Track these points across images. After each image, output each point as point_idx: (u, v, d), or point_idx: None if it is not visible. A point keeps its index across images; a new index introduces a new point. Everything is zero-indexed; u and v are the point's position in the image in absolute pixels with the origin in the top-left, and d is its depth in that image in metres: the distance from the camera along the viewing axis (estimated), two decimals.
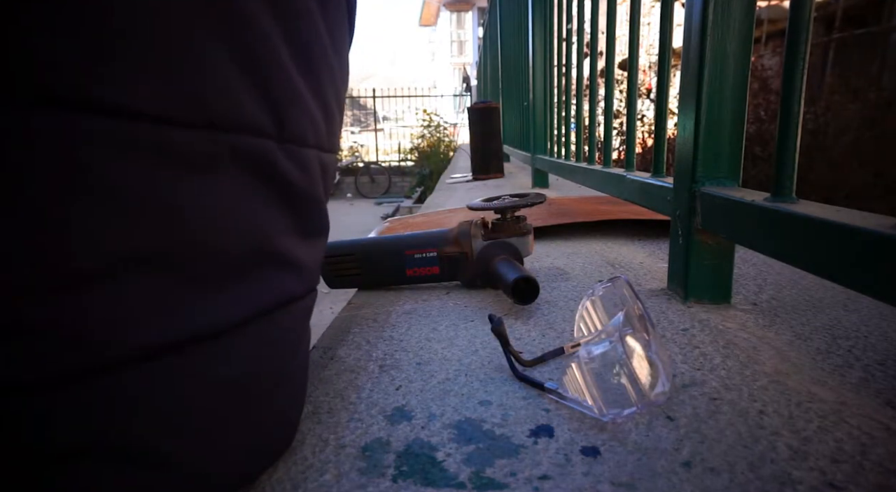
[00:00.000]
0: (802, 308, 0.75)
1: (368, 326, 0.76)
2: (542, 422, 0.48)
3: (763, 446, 0.43)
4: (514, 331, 0.70)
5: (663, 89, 0.91)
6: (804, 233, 0.54)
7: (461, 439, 0.46)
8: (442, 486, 0.40)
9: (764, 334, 0.66)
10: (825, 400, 0.50)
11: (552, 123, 2.16)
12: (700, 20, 0.72)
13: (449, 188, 2.81)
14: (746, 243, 0.66)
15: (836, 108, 3.81)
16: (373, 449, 0.45)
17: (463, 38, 24.45)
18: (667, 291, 0.84)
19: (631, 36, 1.08)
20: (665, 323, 0.71)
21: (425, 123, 10.55)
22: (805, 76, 0.59)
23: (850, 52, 5.49)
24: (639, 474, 0.40)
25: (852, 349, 0.61)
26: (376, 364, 0.63)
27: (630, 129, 1.13)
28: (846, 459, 0.41)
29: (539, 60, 2.30)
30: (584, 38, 1.56)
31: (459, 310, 0.81)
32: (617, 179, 1.18)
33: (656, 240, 1.22)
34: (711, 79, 0.72)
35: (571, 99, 1.78)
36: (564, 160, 1.89)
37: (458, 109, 13.61)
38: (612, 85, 1.37)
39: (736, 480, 0.39)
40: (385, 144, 13.73)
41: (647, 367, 0.48)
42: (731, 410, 0.49)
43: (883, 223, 0.46)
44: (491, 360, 0.62)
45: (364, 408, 0.52)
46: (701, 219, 0.74)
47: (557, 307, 0.80)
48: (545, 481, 0.40)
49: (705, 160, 0.74)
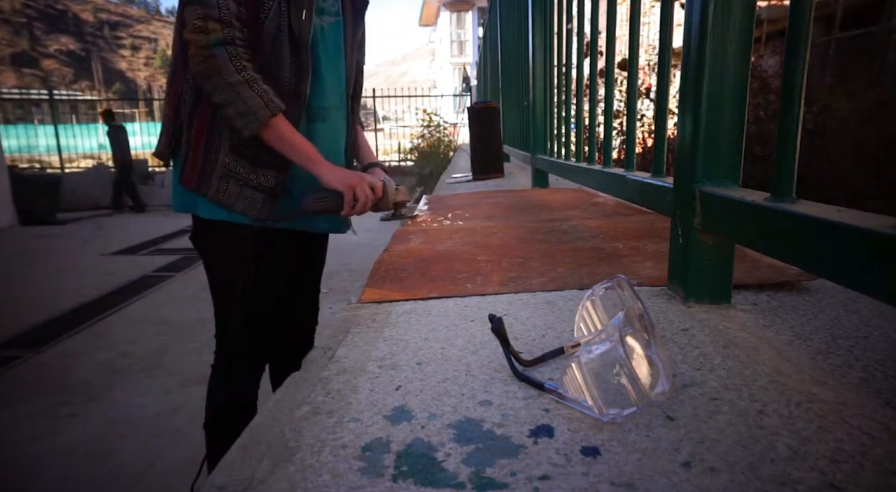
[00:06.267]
0: (802, 308, 0.75)
1: (368, 327, 0.76)
2: (542, 422, 0.48)
3: (763, 446, 0.43)
4: (513, 331, 0.70)
5: (663, 89, 0.91)
6: (804, 233, 0.54)
7: (461, 438, 0.46)
8: (442, 486, 0.40)
9: (764, 334, 0.66)
10: (825, 400, 0.50)
11: (552, 122, 2.16)
12: (700, 20, 0.72)
13: (449, 188, 2.81)
14: (746, 243, 0.66)
15: (835, 107, 3.81)
16: (372, 449, 0.45)
17: (463, 38, 24.45)
18: (667, 291, 0.83)
19: (631, 36, 1.08)
20: (665, 323, 0.70)
21: (425, 123, 10.54)
22: (805, 76, 0.59)
23: (849, 52, 5.49)
24: (639, 474, 0.40)
25: (852, 349, 0.61)
26: (376, 364, 0.63)
27: (630, 129, 1.13)
28: (846, 459, 0.41)
29: (539, 60, 2.30)
30: (584, 38, 1.56)
31: (459, 310, 0.81)
32: (617, 179, 1.18)
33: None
34: (711, 79, 0.72)
35: (571, 99, 1.78)
36: (564, 160, 1.89)
37: (458, 109, 13.61)
38: (612, 85, 1.37)
39: (736, 480, 0.39)
40: (385, 144, 13.73)
41: (647, 367, 0.48)
42: (731, 410, 0.49)
43: (883, 223, 0.46)
44: (491, 360, 0.62)
45: (364, 408, 0.52)
46: (701, 219, 0.74)
47: (557, 307, 0.80)
48: (545, 481, 0.40)
49: (705, 160, 0.74)
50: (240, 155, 1.13)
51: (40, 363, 2.86)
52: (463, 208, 1.85)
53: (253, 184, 1.14)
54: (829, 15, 5.50)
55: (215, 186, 1.13)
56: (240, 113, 1.05)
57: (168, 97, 1.17)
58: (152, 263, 5.09)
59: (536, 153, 2.43)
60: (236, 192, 1.13)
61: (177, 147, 1.16)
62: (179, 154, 1.16)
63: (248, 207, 1.13)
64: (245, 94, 1.04)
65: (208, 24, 1.02)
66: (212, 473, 0.46)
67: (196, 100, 1.12)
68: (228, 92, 1.04)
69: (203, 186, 1.13)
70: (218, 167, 1.12)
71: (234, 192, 1.13)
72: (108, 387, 2.56)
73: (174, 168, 1.19)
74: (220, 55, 1.03)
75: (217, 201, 1.13)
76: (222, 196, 1.13)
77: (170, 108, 1.16)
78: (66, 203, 8.93)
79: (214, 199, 1.13)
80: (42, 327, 3.38)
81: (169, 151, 1.18)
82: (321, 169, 1.13)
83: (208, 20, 1.02)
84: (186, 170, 1.14)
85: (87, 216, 8.58)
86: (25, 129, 14.67)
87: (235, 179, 1.13)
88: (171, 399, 2.42)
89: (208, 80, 1.04)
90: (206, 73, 1.04)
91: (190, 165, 1.14)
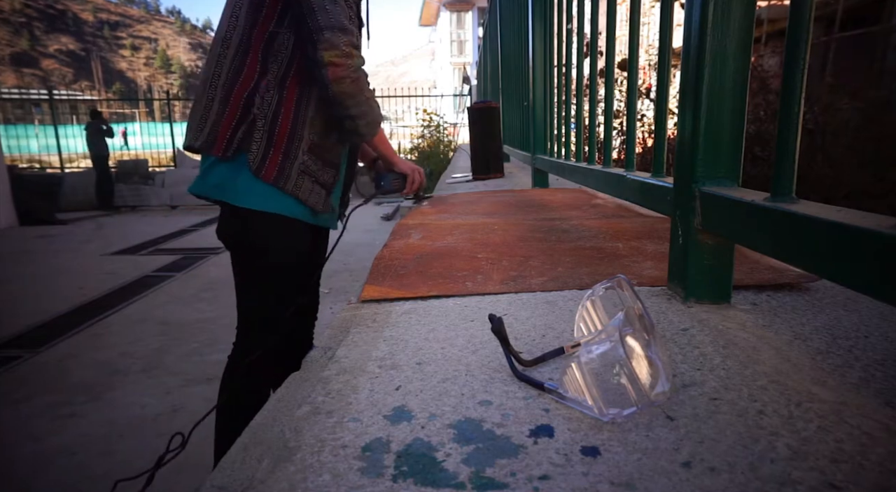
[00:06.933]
0: (802, 308, 0.75)
1: (368, 326, 0.76)
2: (542, 422, 0.48)
3: (763, 446, 0.43)
4: (513, 331, 0.70)
5: (663, 89, 0.91)
6: (804, 233, 0.54)
7: (461, 438, 0.46)
8: (442, 486, 0.40)
9: (764, 334, 0.66)
10: (825, 400, 0.50)
11: (552, 122, 2.16)
12: (700, 20, 0.72)
13: (449, 188, 2.81)
14: (746, 243, 0.66)
15: (835, 107, 3.81)
16: (372, 449, 0.45)
17: (463, 38, 24.45)
18: (667, 291, 0.83)
19: (631, 36, 1.08)
20: (665, 323, 0.70)
21: (425, 123, 10.54)
22: (805, 76, 0.59)
23: (849, 52, 5.49)
24: (638, 474, 0.40)
25: (852, 349, 0.61)
26: (376, 364, 0.63)
27: (630, 129, 1.13)
28: (846, 459, 0.41)
29: (539, 60, 2.30)
30: (584, 38, 1.56)
31: (459, 309, 0.81)
32: (617, 179, 1.18)
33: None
34: (711, 79, 0.72)
35: (571, 99, 1.78)
36: (564, 160, 1.89)
37: (458, 109, 13.60)
38: (612, 85, 1.37)
39: (736, 480, 0.39)
40: None
41: (646, 367, 0.48)
42: (731, 410, 0.49)
43: (883, 223, 0.46)
44: (491, 360, 0.62)
45: (364, 408, 0.52)
46: (701, 219, 0.74)
47: (557, 307, 0.80)
48: (545, 481, 0.40)
49: (705, 160, 0.74)
50: (315, 154, 1.27)
51: (40, 363, 2.86)
52: (463, 208, 1.85)
53: (321, 180, 1.30)
54: (829, 15, 5.49)
55: (294, 180, 1.24)
56: (370, 122, 1.29)
57: (234, 91, 1.22)
58: (152, 263, 5.09)
59: (536, 153, 2.43)
60: (309, 187, 1.27)
61: (246, 140, 1.21)
62: (251, 148, 1.21)
63: (317, 201, 1.29)
64: (374, 107, 1.30)
65: (353, 50, 1.20)
66: (211, 473, 0.46)
67: (280, 100, 1.23)
68: (365, 106, 1.25)
69: (282, 180, 1.23)
70: (297, 164, 1.25)
71: (308, 187, 1.27)
72: (108, 387, 2.56)
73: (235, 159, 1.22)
74: (362, 78, 1.23)
75: (294, 194, 1.24)
76: (299, 190, 1.25)
77: (235, 100, 1.22)
78: (66, 203, 8.93)
79: (292, 192, 1.24)
80: (42, 327, 3.38)
81: (233, 142, 1.21)
82: (397, 158, 1.57)
83: (352, 47, 1.19)
84: (266, 164, 1.22)
85: (87, 216, 8.58)
86: (25, 129, 14.67)
87: (309, 175, 1.27)
88: (172, 399, 2.42)
89: (352, 98, 1.22)
90: (352, 92, 1.21)
91: (270, 160, 1.22)
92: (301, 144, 1.25)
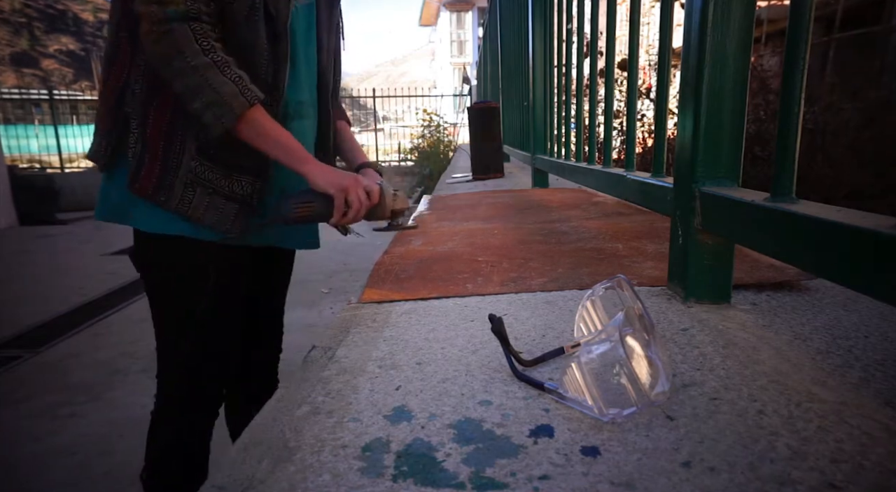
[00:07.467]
0: (802, 308, 0.75)
1: (368, 326, 0.76)
2: (542, 422, 0.48)
3: (763, 446, 0.43)
4: (513, 331, 0.70)
5: (663, 89, 0.91)
6: (804, 233, 0.54)
7: (461, 438, 0.46)
8: (442, 486, 0.40)
9: (764, 334, 0.66)
10: (825, 400, 0.50)
11: (552, 122, 2.16)
12: (700, 20, 0.72)
13: (449, 188, 2.81)
14: (746, 243, 0.66)
15: (835, 107, 3.81)
16: (372, 449, 0.45)
17: (463, 38, 24.45)
18: (667, 291, 0.83)
19: (631, 36, 1.08)
20: (665, 323, 0.70)
21: (425, 123, 10.54)
22: (805, 76, 0.59)
23: (849, 52, 5.49)
24: (638, 473, 0.40)
25: (852, 349, 0.61)
26: (376, 364, 0.63)
27: (630, 128, 1.13)
28: (846, 459, 0.41)
29: (539, 60, 2.30)
30: (584, 38, 1.56)
31: (459, 310, 0.81)
32: (617, 179, 1.18)
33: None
34: (711, 79, 0.72)
35: (571, 99, 1.78)
36: (564, 160, 1.89)
37: (458, 109, 13.61)
38: (612, 85, 1.37)
39: (735, 480, 0.39)
40: (385, 144, 13.74)
41: (646, 367, 0.48)
42: (731, 410, 0.49)
43: (883, 223, 0.46)
44: (491, 360, 0.62)
45: (364, 408, 0.52)
46: (701, 219, 0.74)
47: (557, 307, 0.80)
48: (545, 481, 0.40)
49: (705, 160, 0.74)
50: (209, 158, 0.93)
51: (40, 363, 2.86)
52: (463, 208, 1.85)
53: (225, 192, 0.94)
54: (829, 15, 5.49)
55: (179, 194, 0.92)
56: (209, 103, 0.85)
57: (106, 87, 0.94)
58: None
59: (536, 153, 2.43)
60: (205, 201, 0.93)
61: (120, 147, 0.93)
62: (125, 156, 0.92)
63: (219, 220, 0.94)
64: (215, 79, 0.84)
65: None
66: (211, 473, 0.46)
67: (150, 90, 0.90)
68: (193, 77, 0.84)
69: (162, 195, 0.91)
70: (182, 173, 0.92)
71: (203, 201, 0.93)
72: (108, 387, 2.56)
73: (113, 172, 0.96)
74: (180, 32, 0.83)
75: (180, 213, 0.92)
76: (187, 207, 0.92)
77: (109, 99, 0.93)
78: (66, 203, 8.93)
79: (178, 210, 0.92)
80: (42, 327, 3.39)
81: (108, 152, 0.94)
82: (310, 168, 0.95)
83: None
84: (140, 175, 0.91)
85: (87, 216, 8.58)
86: (25, 129, 14.67)
87: (204, 186, 0.93)
88: None
89: (167, 64, 0.84)
90: (164, 55, 0.83)
91: (145, 169, 0.91)
92: (185, 146, 0.91)
